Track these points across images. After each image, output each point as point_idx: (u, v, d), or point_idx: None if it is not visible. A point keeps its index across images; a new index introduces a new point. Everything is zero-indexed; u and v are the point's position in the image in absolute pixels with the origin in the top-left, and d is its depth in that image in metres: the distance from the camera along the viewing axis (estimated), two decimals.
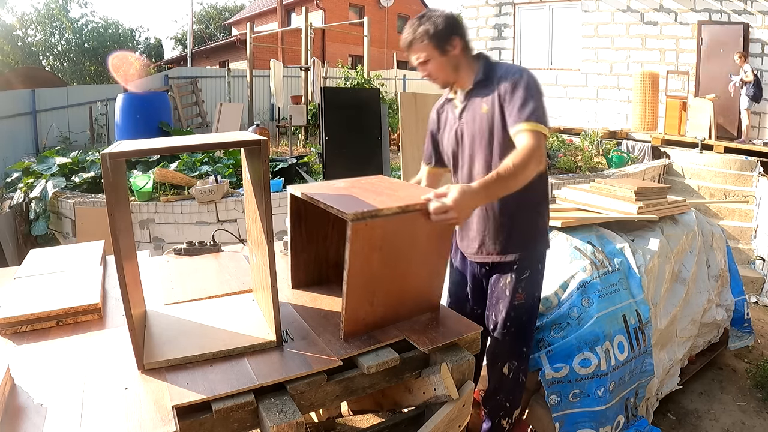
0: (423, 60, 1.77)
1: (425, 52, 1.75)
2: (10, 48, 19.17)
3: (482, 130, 1.78)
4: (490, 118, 1.76)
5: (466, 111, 1.84)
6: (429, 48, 1.74)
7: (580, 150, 7.23)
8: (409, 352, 1.36)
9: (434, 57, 1.76)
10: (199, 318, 1.49)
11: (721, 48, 8.01)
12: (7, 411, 1.09)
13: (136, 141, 1.43)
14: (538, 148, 1.61)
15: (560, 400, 2.15)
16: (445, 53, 1.76)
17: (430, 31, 1.72)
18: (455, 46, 1.76)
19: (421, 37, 1.74)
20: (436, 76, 1.81)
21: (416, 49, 1.76)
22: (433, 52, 1.75)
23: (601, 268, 2.38)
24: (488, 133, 1.77)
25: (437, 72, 1.79)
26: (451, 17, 1.77)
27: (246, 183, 1.51)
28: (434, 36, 1.73)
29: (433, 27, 1.72)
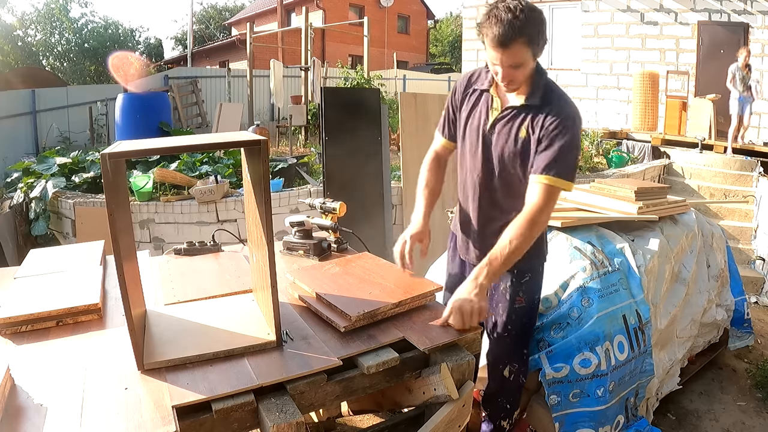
0: (517, 64, 1.53)
1: (523, 56, 1.52)
2: (10, 48, 19.17)
3: (511, 153, 1.66)
4: (525, 146, 1.63)
5: (502, 123, 1.68)
6: (527, 53, 1.52)
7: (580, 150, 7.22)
8: (409, 352, 1.36)
9: (528, 63, 1.55)
10: (199, 318, 1.49)
11: (721, 48, 8.01)
12: (7, 411, 1.09)
13: (136, 141, 1.43)
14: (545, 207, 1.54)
15: (560, 400, 2.15)
16: (535, 58, 1.57)
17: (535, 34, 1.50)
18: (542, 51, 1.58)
19: (527, 39, 1.49)
20: (517, 83, 1.60)
21: (515, 51, 1.50)
22: (529, 58, 1.54)
23: (601, 268, 2.38)
24: (515, 158, 1.66)
25: (522, 78, 1.59)
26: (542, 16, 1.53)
27: (246, 183, 1.52)
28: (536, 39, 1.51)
29: (538, 28, 1.50)
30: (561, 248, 2.49)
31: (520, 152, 1.65)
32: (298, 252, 2.04)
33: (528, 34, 1.48)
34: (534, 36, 1.50)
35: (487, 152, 1.72)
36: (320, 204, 2.13)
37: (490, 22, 1.50)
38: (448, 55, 29.72)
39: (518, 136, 1.64)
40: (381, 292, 1.56)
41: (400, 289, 1.58)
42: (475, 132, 1.75)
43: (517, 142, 1.64)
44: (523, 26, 1.47)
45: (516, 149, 1.65)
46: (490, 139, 1.71)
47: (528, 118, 1.63)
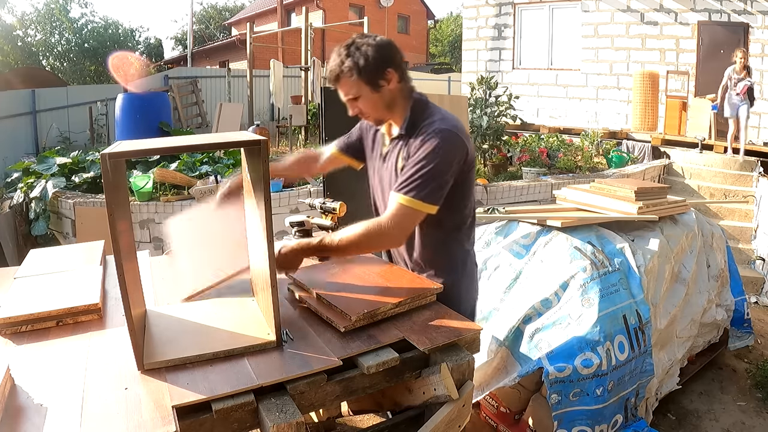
0: (353, 97, 1.55)
1: (355, 88, 1.53)
2: (10, 48, 19.17)
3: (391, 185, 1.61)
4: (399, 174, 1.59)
5: (387, 158, 1.67)
6: (359, 83, 1.52)
7: (580, 150, 7.23)
8: (409, 352, 1.36)
9: (365, 93, 1.54)
10: (199, 318, 1.49)
11: (721, 48, 8.01)
12: (7, 411, 1.09)
13: (136, 141, 1.43)
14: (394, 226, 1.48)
15: (561, 399, 2.15)
16: (377, 89, 1.54)
17: (360, 64, 1.50)
18: (389, 80, 1.54)
19: (350, 71, 1.51)
20: (368, 115, 1.60)
21: (344, 84, 1.54)
22: (364, 88, 1.53)
23: (601, 268, 2.38)
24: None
25: (369, 110, 1.58)
26: (385, 45, 1.54)
27: (246, 183, 1.52)
28: (364, 69, 1.50)
29: (363, 59, 1.50)
30: (561, 248, 2.49)
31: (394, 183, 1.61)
32: None
33: (352, 65, 1.50)
34: (361, 64, 1.49)
35: (384, 188, 1.71)
36: (320, 204, 2.13)
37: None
38: (448, 55, 29.72)
39: (397, 167, 1.62)
40: (381, 292, 1.56)
41: (400, 289, 1.58)
42: (374, 171, 1.78)
43: (397, 174, 1.61)
44: (346, 58, 1.51)
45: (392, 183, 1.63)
46: (381, 174, 1.72)
47: (402, 146, 1.61)
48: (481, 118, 6.64)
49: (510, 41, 10.22)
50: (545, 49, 9.88)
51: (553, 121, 9.41)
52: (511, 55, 10.23)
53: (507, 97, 6.91)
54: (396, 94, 1.58)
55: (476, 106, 6.82)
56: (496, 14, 10.31)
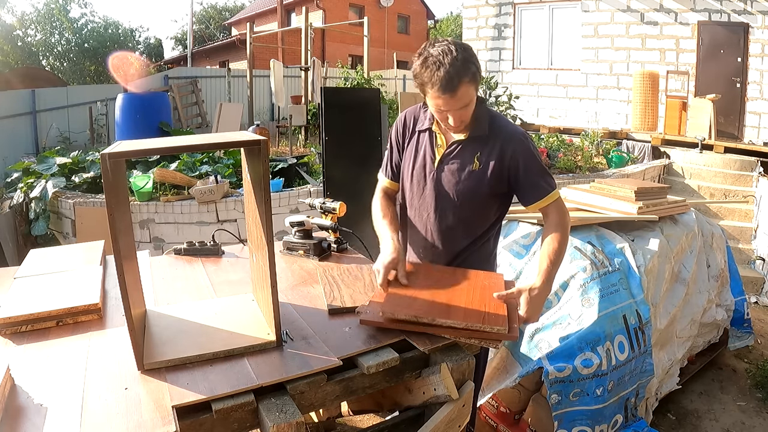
0: (465, 104, 1.52)
1: (470, 96, 1.51)
2: (10, 48, 19.17)
3: (466, 188, 1.65)
4: (481, 179, 1.64)
5: (450, 158, 1.67)
6: (473, 91, 1.51)
7: (580, 150, 7.23)
8: (409, 352, 1.36)
9: (473, 99, 1.55)
10: (199, 318, 1.49)
11: (721, 48, 8.01)
12: (7, 411, 1.09)
13: (136, 141, 1.43)
14: (566, 215, 1.67)
15: (561, 399, 2.15)
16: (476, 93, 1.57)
17: (477, 71, 1.49)
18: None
19: (472, 78, 1.48)
20: (464, 122, 1.59)
21: (462, 93, 1.48)
22: (474, 95, 1.54)
23: (601, 268, 2.38)
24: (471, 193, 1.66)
25: (469, 116, 1.59)
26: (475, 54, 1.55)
27: (246, 183, 1.51)
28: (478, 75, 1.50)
29: (476, 64, 1.49)
30: None
31: (474, 185, 1.65)
32: (298, 252, 2.05)
33: (471, 73, 1.48)
34: (475, 72, 1.50)
35: (438, 190, 1.70)
36: (320, 204, 2.13)
37: (431, 71, 1.47)
38: None
39: (471, 170, 1.65)
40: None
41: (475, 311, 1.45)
42: (422, 172, 1.72)
43: (470, 174, 1.65)
44: (463, 66, 1.46)
45: (470, 183, 1.65)
46: (439, 177, 1.69)
47: (477, 148, 1.64)
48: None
49: (510, 41, 10.22)
50: (545, 49, 9.88)
51: (553, 121, 9.41)
52: (511, 55, 10.23)
53: (507, 97, 6.91)
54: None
55: None
56: (496, 14, 10.31)
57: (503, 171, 1.64)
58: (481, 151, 1.64)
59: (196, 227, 4.80)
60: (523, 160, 1.62)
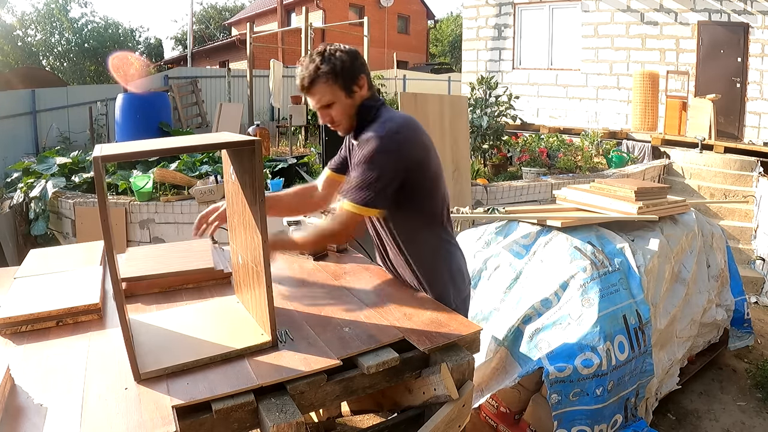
0: (327, 103, 1.56)
1: (330, 94, 1.55)
2: (10, 48, 19.16)
3: None
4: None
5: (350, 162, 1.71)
6: (334, 89, 1.54)
7: (580, 150, 7.23)
8: (409, 352, 1.36)
9: (340, 99, 1.56)
10: (187, 322, 1.47)
11: (721, 48, 8.01)
12: (7, 411, 1.09)
13: (126, 143, 1.42)
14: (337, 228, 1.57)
15: (561, 399, 2.15)
16: (351, 94, 1.57)
17: (337, 68, 1.52)
18: (362, 86, 1.58)
19: (326, 76, 1.52)
20: (339, 122, 1.61)
21: (319, 90, 1.54)
22: (340, 94, 1.55)
23: (601, 268, 2.38)
24: None
25: (341, 116, 1.60)
26: (356, 52, 1.58)
27: (229, 184, 1.49)
28: (341, 75, 1.53)
29: (340, 63, 1.53)
30: (561, 248, 2.49)
31: None
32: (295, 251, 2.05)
33: (325, 73, 1.52)
34: (335, 72, 1.52)
35: None
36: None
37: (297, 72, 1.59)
38: (448, 55, 29.70)
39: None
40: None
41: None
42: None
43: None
44: (318, 67, 1.52)
45: None
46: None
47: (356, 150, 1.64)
48: (481, 118, 6.64)
49: (510, 41, 10.22)
50: (545, 49, 9.88)
51: (553, 121, 9.41)
52: (511, 55, 10.23)
53: (507, 97, 6.91)
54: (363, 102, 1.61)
55: (476, 106, 6.82)
56: (496, 14, 10.31)
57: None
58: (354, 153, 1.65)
59: None
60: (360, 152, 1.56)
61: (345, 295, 1.68)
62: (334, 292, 1.70)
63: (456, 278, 1.75)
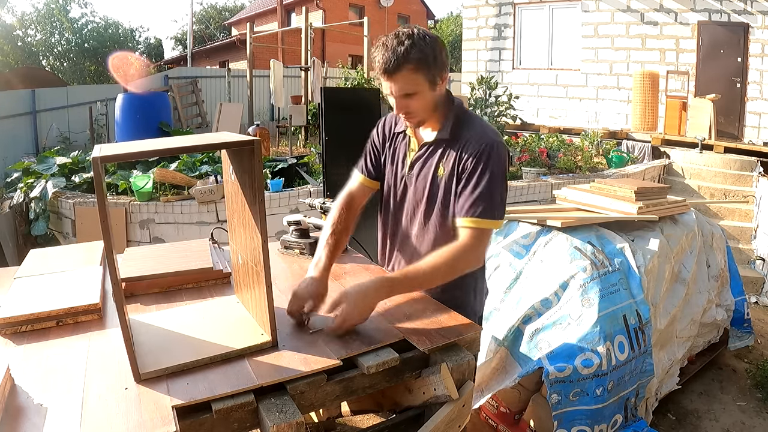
0: (408, 93, 1.43)
1: (415, 83, 1.42)
2: (10, 48, 19.17)
3: (432, 193, 1.55)
4: (445, 186, 1.52)
5: (419, 163, 1.58)
6: (420, 79, 1.42)
7: (580, 150, 7.23)
8: (409, 352, 1.36)
9: (423, 91, 1.44)
10: (186, 322, 1.47)
11: (721, 48, 8.01)
12: (7, 411, 1.09)
13: (125, 143, 1.41)
14: (474, 245, 1.44)
15: (561, 399, 2.15)
16: (434, 87, 1.46)
17: (429, 58, 1.40)
18: (444, 80, 1.48)
19: (416, 64, 1.39)
20: (416, 114, 1.49)
21: (404, 77, 1.41)
22: (424, 85, 1.43)
23: (601, 268, 2.38)
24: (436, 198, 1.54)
25: (420, 110, 1.48)
26: (443, 43, 1.47)
27: (230, 184, 1.49)
28: (431, 64, 1.41)
29: (431, 52, 1.40)
30: (561, 248, 2.49)
31: (440, 193, 1.53)
32: (294, 251, 2.05)
33: (416, 59, 1.38)
34: (425, 60, 1.39)
35: (410, 196, 1.61)
36: (320, 204, 2.13)
37: (378, 51, 1.42)
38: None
39: (436, 175, 1.54)
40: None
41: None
42: (394, 177, 1.65)
43: (435, 181, 1.54)
44: (408, 51, 1.37)
45: (435, 190, 1.54)
46: (411, 182, 1.60)
47: (442, 153, 1.53)
48: (481, 118, 6.64)
49: (510, 41, 10.22)
50: (545, 49, 9.88)
51: (553, 121, 9.41)
52: (511, 55, 10.23)
53: (507, 97, 6.91)
54: (442, 96, 1.52)
55: (476, 106, 6.83)
56: (496, 14, 10.31)
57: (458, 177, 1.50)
58: (444, 155, 1.52)
59: (196, 227, 4.80)
60: (474, 163, 1.46)
61: None
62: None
63: (480, 280, 1.72)
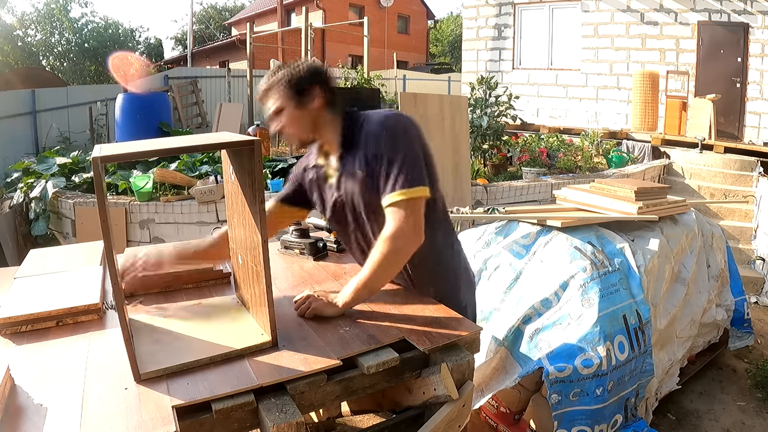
0: (276, 109, 1.56)
1: (280, 100, 1.55)
2: (10, 48, 19.18)
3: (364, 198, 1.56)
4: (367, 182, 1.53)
5: (343, 180, 1.59)
6: (285, 97, 1.54)
7: (580, 150, 7.23)
8: (409, 352, 1.36)
9: (289, 107, 1.55)
10: (186, 323, 1.47)
11: (721, 48, 8.01)
12: (7, 411, 1.09)
13: (125, 143, 1.41)
14: (405, 224, 1.44)
15: (561, 399, 2.15)
16: (301, 105, 1.54)
17: (287, 78, 1.54)
18: (314, 97, 1.54)
19: (278, 84, 1.55)
20: (290, 131, 1.58)
21: (271, 96, 1.57)
22: (289, 102, 1.54)
23: (601, 268, 2.38)
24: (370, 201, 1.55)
25: (291, 125, 1.56)
26: (315, 67, 1.58)
27: (229, 184, 1.49)
28: (291, 83, 1.54)
29: (291, 74, 1.55)
30: (561, 248, 2.49)
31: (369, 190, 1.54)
32: (294, 251, 2.06)
33: (281, 77, 1.55)
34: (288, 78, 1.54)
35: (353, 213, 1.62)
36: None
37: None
38: (448, 55, 29.72)
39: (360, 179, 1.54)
40: None
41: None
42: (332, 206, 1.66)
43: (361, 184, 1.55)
44: (277, 71, 1.57)
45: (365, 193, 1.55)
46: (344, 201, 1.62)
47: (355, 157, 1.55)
48: (481, 118, 6.64)
49: (510, 41, 10.22)
50: (545, 49, 9.88)
51: (553, 121, 9.41)
52: (511, 55, 10.23)
53: (507, 97, 6.91)
54: (321, 115, 1.57)
55: (476, 106, 6.83)
56: (496, 14, 10.31)
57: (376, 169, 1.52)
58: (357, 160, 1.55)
59: (196, 227, 4.80)
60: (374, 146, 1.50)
61: None
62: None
63: (463, 276, 1.75)
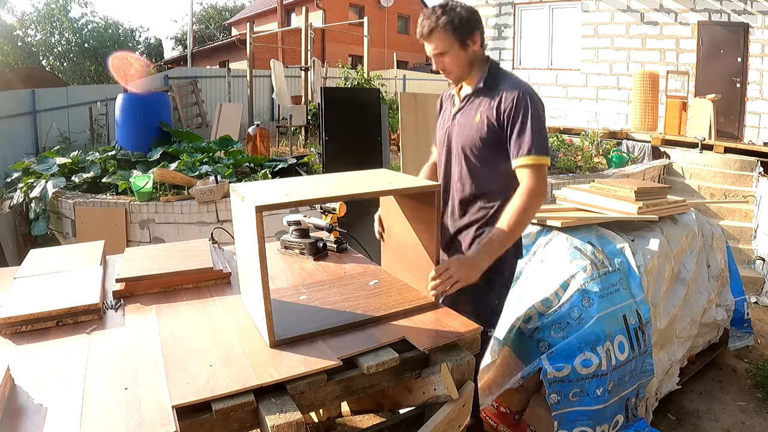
0: (441, 51, 1.72)
1: (446, 43, 1.70)
2: (10, 48, 19.18)
3: (470, 139, 1.76)
4: (480, 130, 1.73)
5: (460, 114, 1.82)
6: (450, 40, 1.69)
7: (580, 150, 7.23)
8: (409, 352, 1.36)
9: (453, 50, 1.71)
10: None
11: (721, 48, 8.01)
12: (7, 411, 1.09)
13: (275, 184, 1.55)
14: (539, 185, 1.64)
15: (560, 399, 2.15)
16: (464, 47, 1.72)
17: (455, 22, 1.67)
18: (475, 41, 1.73)
19: (444, 27, 1.68)
20: (450, 70, 1.76)
21: (436, 38, 1.70)
22: (454, 45, 1.70)
23: (601, 268, 2.38)
24: (473, 145, 1.76)
25: (453, 66, 1.74)
26: (475, 11, 1.74)
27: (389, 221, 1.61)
28: (458, 27, 1.68)
29: (458, 18, 1.68)
30: (561, 248, 2.49)
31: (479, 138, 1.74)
32: (294, 251, 2.05)
33: (445, 23, 1.67)
34: (453, 23, 1.67)
35: (450, 144, 1.84)
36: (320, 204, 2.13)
37: (419, 20, 1.74)
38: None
39: (473, 122, 1.75)
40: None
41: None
42: (442, 130, 1.89)
43: (473, 127, 1.75)
44: (439, 17, 1.68)
45: (473, 135, 1.75)
46: (452, 132, 1.84)
47: (480, 102, 1.75)
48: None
49: (510, 41, 10.21)
50: (545, 49, 9.88)
51: (553, 121, 9.40)
52: (511, 55, 10.23)
53: None
54: (476, 57, 1.76)
55: None
56: (496, 14, 10.31)
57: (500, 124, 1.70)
58: (483, 104, 1.74)
59: (196, 227, 4.80)
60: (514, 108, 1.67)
61: None
62: None
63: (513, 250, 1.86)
